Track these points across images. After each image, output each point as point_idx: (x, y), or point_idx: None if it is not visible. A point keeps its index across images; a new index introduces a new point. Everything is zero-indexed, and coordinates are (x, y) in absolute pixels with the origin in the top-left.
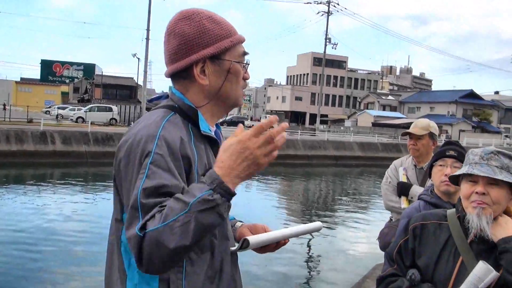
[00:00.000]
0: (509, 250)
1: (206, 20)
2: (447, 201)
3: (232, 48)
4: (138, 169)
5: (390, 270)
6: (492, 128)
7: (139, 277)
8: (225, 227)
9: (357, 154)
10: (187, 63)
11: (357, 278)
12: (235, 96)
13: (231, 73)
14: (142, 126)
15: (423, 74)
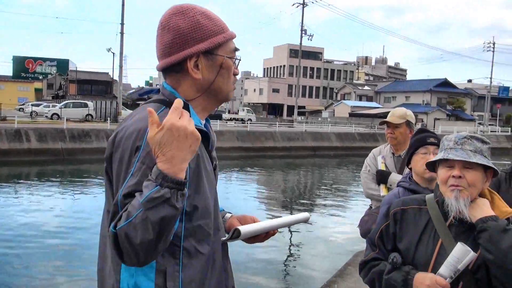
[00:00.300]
0: (486, 229)
1: (200, 15)
2: (425, 187)
3: (225, 44)
4: (127, 165)
5: (372, 255)
6: (466, 116)
7: (135, 268)
8: (216, 218)
9: (335, 144)
10: (181, 57)
11: (339, 265)
12: (227, 91)
13: (224, 68)
14: (134, 121)
15: (398, 64)
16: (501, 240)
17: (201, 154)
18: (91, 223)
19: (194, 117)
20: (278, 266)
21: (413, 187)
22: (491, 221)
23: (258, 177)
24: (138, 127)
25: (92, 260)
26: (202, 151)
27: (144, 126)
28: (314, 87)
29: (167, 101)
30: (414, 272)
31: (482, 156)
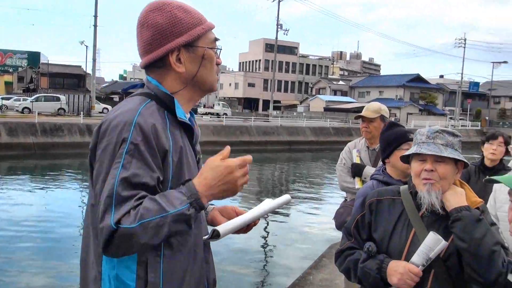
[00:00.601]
0: (461, 219)
1: (176, 9)
2: (398, 180)
3: (204, 35)
4: (112, 157)
5: (348, 244)
6: (437, 110)
7: (117, 260)
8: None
9: (310, 139)
10: (163, 52)
11: (314, 257)
12: (211, 81)
13: (205, 59)
14: (119, 113)
15: (372, 59)
16: (474, 229)
17: (184, 148)
18: (65, 216)
19: (179, 110)
20: (255, 259)
21: (387, 180)
22: (465, 211)
23: None
24: (124, 120)
25: (68, 253)
26: (185, 145)
27: (130, 119)
28: (290, 82)
29: (153, 94)
30: (388, 261)
31: (453, 150)
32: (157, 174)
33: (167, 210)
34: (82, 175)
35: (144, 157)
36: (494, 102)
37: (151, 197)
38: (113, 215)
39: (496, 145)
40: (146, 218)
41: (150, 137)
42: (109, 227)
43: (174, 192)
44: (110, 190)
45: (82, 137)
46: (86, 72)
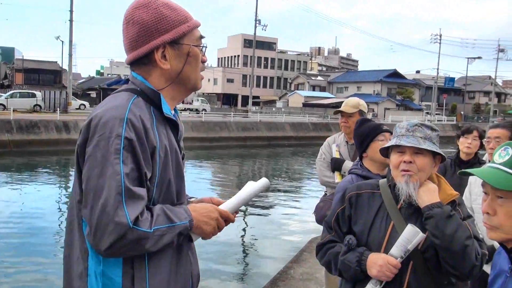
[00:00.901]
0: (433, 216)
1: (162, 7)
2: (377, 173)
3: (190, 33)
4: (107, 152)
5: (328, 237)
6: (414, 105)
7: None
8: (182, 202)
9: (289, 134)
10: (148, 49)
11: (294, 251)
12: (195, 79)
13: (191, 56)
14: (108, 108)
15: (350, 54)
16: (446, 226)
17: (170, 144)
18: (43, 214)
19: (165, 106)
20: (236, 254)
21: (365, 174)
22: (436, 208)
23: (213, 167)
24: (115, 115)
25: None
26: (171, 141)
27: (121, 114)
28: (268, 77)
29: (138, 90)
30: (367, 253)
31: (431, 143)
32: (145, 170)
33: (175, 220)
34: (60, 172)
35: (137, 153)
36: (469, 97)
37: (162, 208)
38: (127, 212)
39: (471, 139)
40: (156, 225)
41: (141, 133)
42: (126, 225)
43: (178, 208)
44: (118, 186)
45: (59, 134)
46: (62, 68)
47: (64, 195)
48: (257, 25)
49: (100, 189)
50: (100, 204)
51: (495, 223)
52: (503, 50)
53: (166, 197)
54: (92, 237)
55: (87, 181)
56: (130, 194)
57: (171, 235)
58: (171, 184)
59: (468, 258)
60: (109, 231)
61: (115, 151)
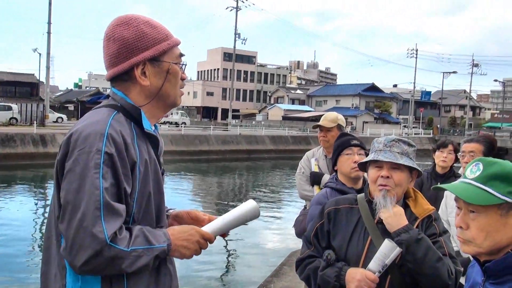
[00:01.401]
0: (402, 243)
1: (143, 24)
2: (351, 187)
3: (170, 50)
4: (87, 166)
5: (307, 252)
6: (392, 119)
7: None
8: (160, 222)
9: (269, 147)
10: (128, 65)
11: (274, 265)
12: (174, 96)
13: (170, 73)
14: (89, 123)
15: (329, 68)
16: (415, 250)
17: (150, 160)
18: (18, 229)
19: (145, 122)
20: (215, 268)
21: (340, 187)
22: (404, 233)
23: (192, 181)
24: (96, 130)
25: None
26: (151, 156)
27: (101, 129)
28: (248, 91)
29: (119, 106)
30: (346, 268)
31: (408, 158)
32: (125, 185)
33: (153, 243)
34: (36, 187)
35: (117, 168)
36: (445, 111)
37: (141, 229)
38: (105, 228)
39: (447, 153)
40: (135, 246)
41: (122, 148)
42: (103, 241)
43: (157, 231)
44: (97, 201)
45: (36, 148)
46: (39, 80)
47: (41, 210)
48: (237, 38)
49: (78, 204)
50: (78, 218)
51: (468, 237)
52: (477, 65)
53: (146, 212)
54: (68, 252)
55: (65, 195)
56: (108, 209)
57: (148, 258)
58: (151, 199)
59: (440, 279)
60: (85, 246)
61: (95, 166)
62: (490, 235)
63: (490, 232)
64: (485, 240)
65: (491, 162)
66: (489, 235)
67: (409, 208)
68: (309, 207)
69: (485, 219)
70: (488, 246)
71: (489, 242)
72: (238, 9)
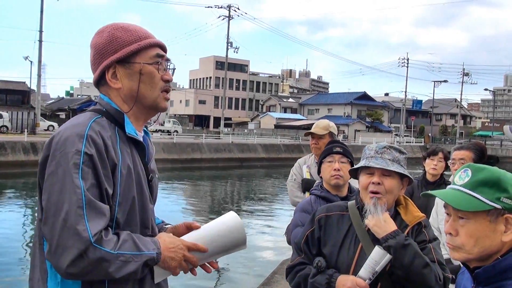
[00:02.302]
0: (389, 248)
1: (116, 30)
2: (335, 194)
3: (142, 51)
4: (67, 167)
5: (298, 259)
6: (383, 127)
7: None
8: (145, 228)
9: (261, 155)
10: (101, 70)
11: (266, 273)
12: (152, 98)
13: (143, 74)
14: (69, 125)
15: (321, 77)
16: (402, 256)
17: (134, 165)
18: (8, 237)
19: (128, 126)
20: (206, 275)
21: (324, 195)
22: (391, 239)
23: (185, 189)
24: (76, 132)
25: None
26: (136, 162)
27: (81, 131)
28: (240, 99)
29: (104, 110)
30: (337, 275)
31: (399, 165)
32: (106, 186)
33: (142, 249)
34: (26, 195)
35: (98, 168)
36: (436, 119)
37: (130, 234)
38: (88, 226)
39: (437, 161)
40: (123, 250)
41: (101, 149)
42: (87, 240)
43: (146, 238)
44: (79, 199)
45: (27, 156)
46: (30, 88)
47: (31, 218)
48: (229, 47)
49: (61, 204)
50: (61, 219)
51: (458, 243)
52: (468, 74)
53: (130, 217)
54: (52, 254)
55: (48, 198)
56: (91, 208)
57: (137, 264)
58: (135, 204)
59: (427, 285)
60: (69, 247)
61: (75, 166)
62: (479, 241)
63: (480, 238)
64: (474, 247)
65: (479, 168)
66: (479, 241)
67: (400, 216)
68: (294, 213)
69: (474, 225)
70: (478, 252)
71: (478, 249)
72: (230, 18)
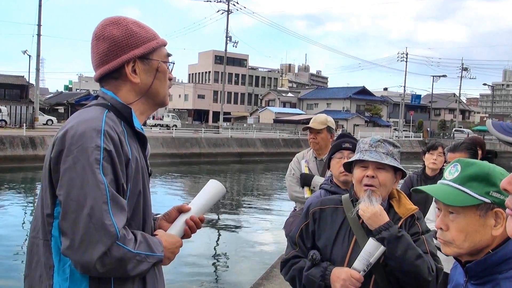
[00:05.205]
0: (383, 240)
1: (132, 24)
2: (345, 189)
3: (158, 49)
4: (87, 162)
5: (292, 253)
6: (382, 122)
7: (70, 271)
8: (145, 223)
9: (260, 150)
10: (119, 63)
11: (265, 268)
12: (163, 94)
13: (159, 71)
14: (83, 119)
15: (320, 71)
16: (396, 248)
17: (139, 159)
18: (7, 234)
19: (135, 121)
20: (206, 271)
21: (334, 189)
22: (384, 231)
23: (183, 183)
24: (91, 126)
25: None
26: (140, 156)
27: (97, 126)
28: (239, 94)
29: (109, 105)
30: (331, 268)
31: (393, 159)
32: (123, 181)
33: (154, 251)
34: (25, 190)
35: (116, 164)
36: (435, 114)
37: (142, 233)
38: (115, 222)
39: (436, 155)
40: (140, 250)
41: (118, 145)
42: (114, 235)
43: (155, 239)
44: (103, 195)
45: (25, 150)
46: (29, 83)
47: (29, 214)
48: (228, 41)
49: (84, 199)
50: (86, 214)
51: (448, 238)
52: (467, 69)
53: (136, 212)
54: (74, 250)
55: (68, 192)
56: (115, 203)
57: (149, 264)
58: (140, 198)
59: (420, 276)
60: (95, 242)
61: (96, 162)
62: (469, 236)
63: (470, 233)
64: (465, 241)
65: (469, 163)
66: (469, 236)
67: (393, 208)
68: (303, 208)
69: (464, 220)
70: (468, 247)
71: (469, 243)
72: (229, 12)
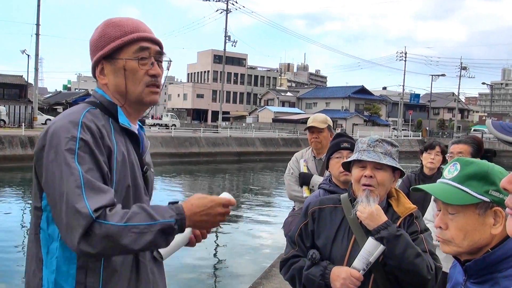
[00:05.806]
0: (382, 239)
1: (107, 26)
2: (344, 189)
3: (126, 47)
4: (64, 154)
5: (292, 252)
6: (381, 121)
7: (56, 264)
8: None
9: (259, 149)
10: (92, 65)
11: (264, 267)
12: (136, 93)
13: (127, 70)
14: (63, 116)
15: (319, 71)
16: (395, 247)
17: (128, 155)
18: (6, 231)
19: (121, 117)
20: (205, 269)
21: (333, 189)
22: (383, 230)
23: (182, 183)
24: (70, 120)
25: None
26: (130, 152)
27: (75, 119)
28: (238, 93)
29: (98, 102)
30: (331, 267)
31: (391, 158)
32: (106, 169)
33: (156, 218)
34: (24, 190)
35: (95, 153)
36: (434, 113)
37: (141, 206)
38: (88, 203)
39: (434, 155)
40: (133, 222)
41: (96, 135)
42: (87, 216)
43: (163, 206)
44: (76, 180)
45: (24, 150)
46: (27, 82)
47: (28, 212)
48: (227, 41)
49: (63, 189)
50: (64, 202)
51: (447, 237)
52: (466, 68)
53: (125, 206)
54: (65, 237)
55: (50, 185)
56: (89, 188)
57: (153, 234)
58: (129, 194)
59: (419, 275)
60: (74, 226)
61: (70, 151)
62: (468, 235)
63: (469, 232)
64: (464, 240)
65: (468, 162)
66: (468, 235)
67: (392, 207)
68: (302, 208)
69: (463, 218)
70: (468, 245)
71: (468, 242)
72: (228, 12)
